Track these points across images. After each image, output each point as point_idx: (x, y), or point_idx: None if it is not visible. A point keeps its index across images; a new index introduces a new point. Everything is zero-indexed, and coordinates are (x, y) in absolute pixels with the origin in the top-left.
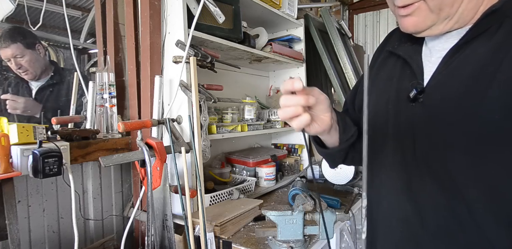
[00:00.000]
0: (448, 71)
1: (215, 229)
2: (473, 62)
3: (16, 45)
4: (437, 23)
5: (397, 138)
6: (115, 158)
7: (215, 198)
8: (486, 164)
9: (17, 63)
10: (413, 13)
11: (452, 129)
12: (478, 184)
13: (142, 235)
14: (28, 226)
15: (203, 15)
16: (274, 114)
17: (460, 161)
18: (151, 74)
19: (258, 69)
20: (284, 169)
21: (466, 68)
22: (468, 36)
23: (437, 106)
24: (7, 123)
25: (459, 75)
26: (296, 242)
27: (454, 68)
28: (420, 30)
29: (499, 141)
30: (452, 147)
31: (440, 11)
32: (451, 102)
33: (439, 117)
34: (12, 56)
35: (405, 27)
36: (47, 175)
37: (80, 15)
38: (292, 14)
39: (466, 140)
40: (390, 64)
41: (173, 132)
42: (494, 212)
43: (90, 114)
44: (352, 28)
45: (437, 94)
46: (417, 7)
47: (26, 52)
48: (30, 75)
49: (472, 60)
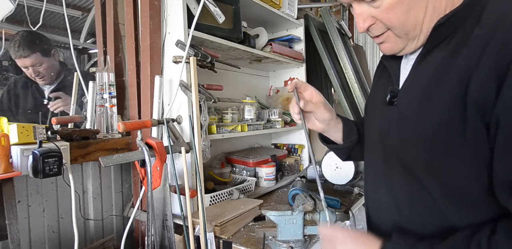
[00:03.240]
0: (413, 77)
1: (215, 229)
2: (431, 68)
3: (35, 55)
4: (408, 44)
5: (381, 137)
6: (115, 158)
7: (215, 198)
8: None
9: (35, 71)
10: (385, 41)
11: (413, 128)
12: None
13: (142, 235)
14: (28, 226)
15: (203, 15)
16: (274, 114)
17: (419, 158)
18: (151, 74)
19: (258, 69)
20: (284, 169)
21: (426, 73)
22: (428, 46)
23: (404, 108)
24: (7, 123)
25: (420, 80)
26: (296, 242)
27: (418, 73)
28: (396, 52)
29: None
30: (412, 145)
31: (407, 35)
32: (413, 105)
33: (405, 118)
34: (31, 65)
35: (383, 51)
36: (47, 175)
37: (80, 15)
38: (292, 14)
39: (422, 138)
40: (382, 72)
41: (173, 132)
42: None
43: (90, 114)
44: (352, 28)
45: (405, 98)
46: (386, 36)
47: (44, 60)
48: (46, 80)
49: (430, 66)
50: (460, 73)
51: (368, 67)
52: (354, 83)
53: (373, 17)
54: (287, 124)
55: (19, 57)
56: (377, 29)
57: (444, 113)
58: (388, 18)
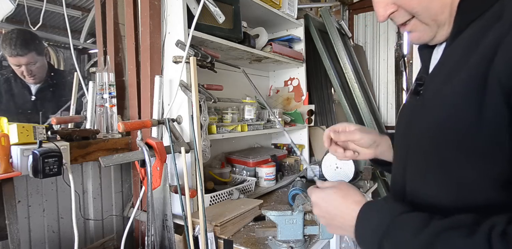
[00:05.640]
0: (441, 61)
1: (215, 229)
2: (460, 48)
3: (31, 54)
4: (439, 31)
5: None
6: (115, 158)
7: (215, 198)
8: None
9: (28, 70)
10: (412, 30)
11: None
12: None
13: (142, 235)
14: (28, 226)
15: (203, 15)
16: (274, 114)
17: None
18: (151, 74)
19: (258, 69)
20: (284, 169)
21: (454, 55)
22: (458, 24)
23: (428, 96)
24: (7, 123)
25: (447, 63)
26: (296, 242)
27: (446, 56)
28: (426, 41)
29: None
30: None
31: (435, 21)
32: (435, 91)
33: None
34: (26, 63)
35: (411, 41)
36: (47, 175)
37: (80, 15)
38: (292, 14)
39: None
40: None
41: (173, 132)
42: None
43: (90, 114)
44: (352, 28)
45: (430, 85)
46: (412, 24)
47: (38, 59)
48: (37, 79)
49: (459, 46)
50: (486, 49)
51: (368, 67)
52: (354, 83)
53: (394, 4)
54: (287, 124)
55: (15, 56)
56: (400, 16)
57: (459, 95)
58: (409, 3)
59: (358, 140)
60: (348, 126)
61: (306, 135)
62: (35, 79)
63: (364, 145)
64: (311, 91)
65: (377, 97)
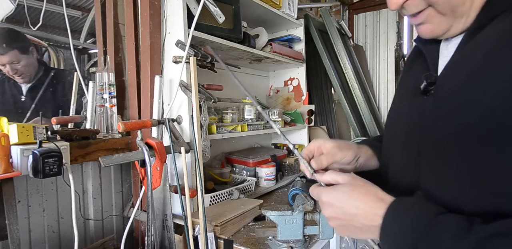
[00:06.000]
0: (458, 59)
1: (215, 229)
2: (484, 46)
3: (13, 52)
4: (454, 24)
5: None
6: (115, 158)
7: (215, 198)
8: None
9: (13, 69)
10: (425, 21)
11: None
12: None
13: (142, 235)
14: (28, 226)
15: (203, 15)
16: (274, 114)
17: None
18: (151, 74)
19: (258, 69)
20: (284, 169)
21: (476, 54)
22: (481, 19)
23: (444, 96)
24: (7, 123)
25: (468, 62)
26: (296, 242)
27: (465, 54)
28: (438, 35)
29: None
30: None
31: (453, 12)
32: (457, 91)
33: (443, 107)
34: (8, 62)
35: (422, 34)
36: (47, 175)
37: (80, 15)
38: (292, 14)
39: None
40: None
41: (173, 132)
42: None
43: (90, 114)
44: (352, 28)
45: (445, 85)
46: (427, 14)
47: (22, 58)
48: (26, 78)
49: (483, 44)
50: None
51: (368, 67)
52: (354, 83)
53: None
54: (287, 124)
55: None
56: (415, 5)
57: (500, 98)
58: None
59: (340, 160)
60: (323, 145)
61: (306, 135)
62: (24, 79)
63: (346, 162)
64: (311, 91)
65: (377, 97)
